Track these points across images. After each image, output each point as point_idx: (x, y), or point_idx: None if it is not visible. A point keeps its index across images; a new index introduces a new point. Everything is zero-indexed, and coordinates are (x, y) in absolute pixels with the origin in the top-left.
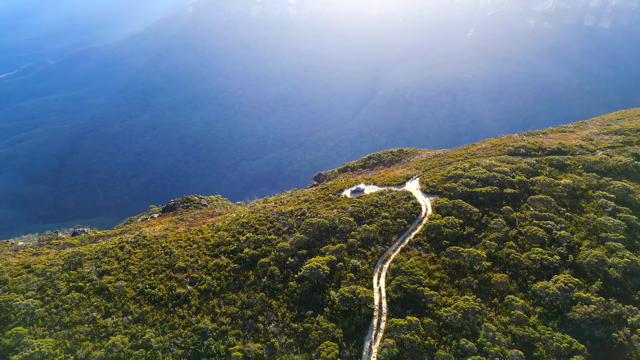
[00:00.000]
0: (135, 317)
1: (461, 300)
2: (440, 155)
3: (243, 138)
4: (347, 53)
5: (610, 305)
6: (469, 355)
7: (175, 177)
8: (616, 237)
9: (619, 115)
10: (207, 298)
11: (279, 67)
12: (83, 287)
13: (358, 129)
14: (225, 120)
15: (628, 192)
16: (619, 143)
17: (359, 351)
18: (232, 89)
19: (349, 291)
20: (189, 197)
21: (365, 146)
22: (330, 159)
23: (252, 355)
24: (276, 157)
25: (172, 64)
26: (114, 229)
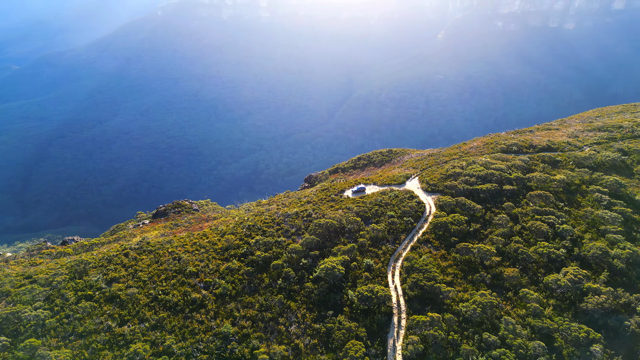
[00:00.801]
0: (152, 324)
1: (478, 295)
2: (435, 155)
3: (218, 142)
4: (320, 56)
5: (619, 294)
6: (492, 349)
7: (149, 182)
8: (615, 230)
9: (597, 113)
10: (223, 302)
11: (252, 70)
12: (93, 295)
13: (334, 131)
14: (199, 124)
15: (620, 186)
16: (604, 139)
17: (383, 349)
18: (205, 92)
19: (367, 290)
20: (179, 202)
21: (342, 148)
22: (307, 161)
23: (278, 357)
24: (252, 161)
25: (143, 67)
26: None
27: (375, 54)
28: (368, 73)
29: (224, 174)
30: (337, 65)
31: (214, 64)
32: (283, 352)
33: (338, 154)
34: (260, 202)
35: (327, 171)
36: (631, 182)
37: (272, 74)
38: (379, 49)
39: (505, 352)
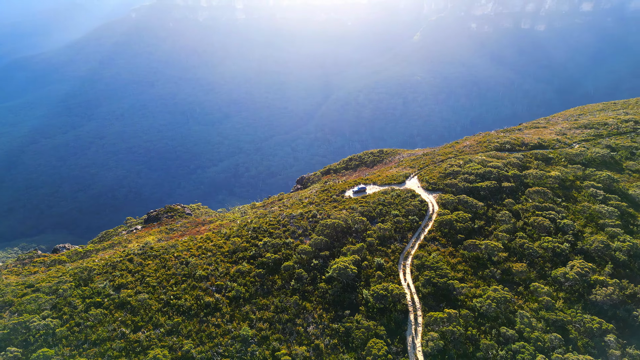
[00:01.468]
0: (167, 330)
1: (491, 290)
2: (430, 154)
3: (196, 145)
4: (298, 58)
5: (624, 286)
6: (511, 342)
7: (126, 188)
8: (614, 224)
9: (579, 111)
10: (238, 305)
11: (229, 72)
12: (102, 302)
13: (314, 132)
14: (176, 127)
15: (612, 181)
16: (591, 136)
17: (403, 346)
18: (182, 95)
19: (382, 289)
20: (171, 206)
21: (322, 149)
22: (288, 163)
23: (300, 358)
24: (232, 164)
25: (117, 71)
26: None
27: (352, 56)
28: (345, 74)
29: (203, 178)
30: (314, 67)
31: (190, 67)
32: (305, 352)
33: (318, 156)
34: (255, 204)
35: (319, 172)
36: (622, 177)
37: (249, 76)
38: (356, 51)
39: (524, 345)
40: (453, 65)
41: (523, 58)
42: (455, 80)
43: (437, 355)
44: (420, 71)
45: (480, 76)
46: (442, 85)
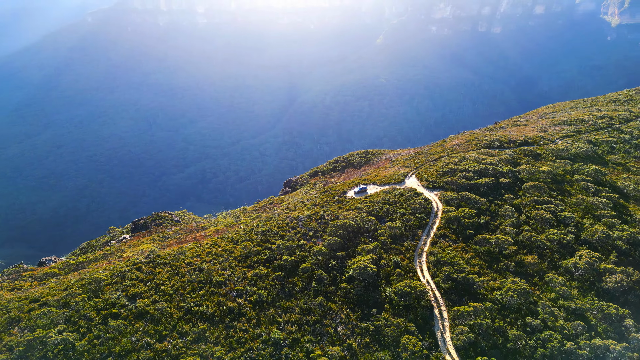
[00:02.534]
0: (193, 337)
1: (509, 283)
2: (422, 153)
3: (161, 152)
4: (262, 61)
5: (630, 273)
6: (537, 332)
7: (88, 198)
8: (610, 214)
9: (551, 109)
10: (262, 309)
11: (193, 77)
12: (119, 313)
13: (281, 136)
14: (139, 134)
15: (600, 174)
16: (572, 132)
17: (434, 341)
18: (144, 101)
19: (405, 286)
20: (159, 214)
21: (291, 153)
22: (257, 167)
23: (336, 358)
24: (199, 170)
25: (74, 77)
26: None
27: (316, 58)
28: (311, 77)
29: (169, 185)
30: (279, 70)
31: (152, 72)
32: (339, 353)
33: (287, 159)
34: (246, 208)
35: (307, 175)
36: (607, 170)
37: (214, 80)
38: (320, 54)
39: (551, 333)
40: (416, 68)
41: (481, 59)
42: (418, 82)
43: (468, 348)
44: (384, 73)
45: (442, 77)
46: (406, 87)
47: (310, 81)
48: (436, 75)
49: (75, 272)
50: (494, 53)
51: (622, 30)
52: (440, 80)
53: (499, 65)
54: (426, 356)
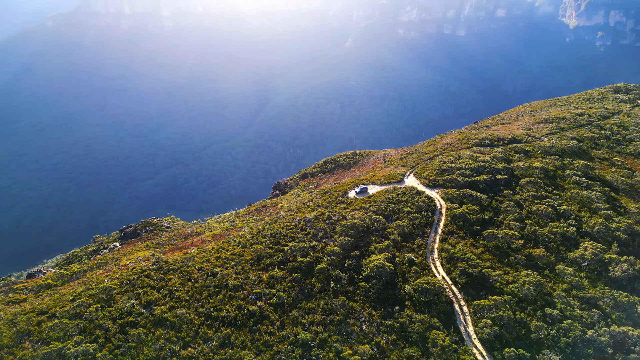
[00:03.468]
0: (218, 342)
1: (523, 276)
2: (415, 152)
3: (130, 158)
4: (231, 64)
5: (633, 262)
6: (558, 322)
7: (54, 208)
8: (605, 207)
9: (528, 108)
10: (283, 311)
11: (160, 81)
12: (136, 321)
13: (253, 139)
14: (106, 141)
15: (589, 169)
16: (555, 130)
17: (459, 335)
18: (110, 107)
19: (424, 282)
20: (148, 220)
21: (264, 156)
22: (229, 172)
23: (367, 356)
24: (170, 176)
25: (35, 83)
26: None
27: (287, 62)
28: (282, 80)
29: (139, 192)
30: (249, 73)
31: (117, 77)
32: (370, 351)
33: (260, 163)
34: (239, 212)
35: (296, 177)
36: (594, 165)
37: (182, 84)
38: (290, 57)
39: (571, 323)
40: (385, 70)
41: (448, 61)
42: (387, 84)
43: (494, 340)
44: (354, 76)
45: (410, 79)
46: (376, 89)
47: (281, 84)
48: (405, 77)
49: (72, 283)
50: (459, 55)
51: (580, 32)
52: (409, 82)
53: (464, 67)
54: (454, 350)
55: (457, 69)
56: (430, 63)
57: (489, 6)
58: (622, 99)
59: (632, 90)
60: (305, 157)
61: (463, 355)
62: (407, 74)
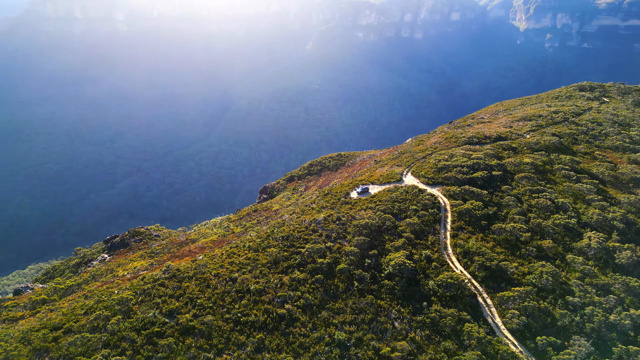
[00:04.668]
0: (253, 348)
1: (539, 266)
2: (407, 152)
3: (87, 168)
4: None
5: (634, 249)
6: (579, 309)
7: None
8: (598, 199)
9: (500, 107)
10: (312, 312)
11: (117, 87)
12: (162, 331)
13: (217, 145)
14: (61, 150)
15: (575, 163)
16: (535, 127)
17: (489, 326)
18: (64, 115)
19: (448, 277)
20: (135, 229)
21: (228, 162)
22: (193, 178)
23: (406, 352)
24: (131, 185)
25: None
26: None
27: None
28: (244, 84)
29: (99, 203)
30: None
31: (70, 83)
32: (407, 347)
33: (225, 168)
34: (230, 217)
35: (282, 180)
36: (579, 159)
37: (139, 90)
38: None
39: (593, 309)
40: (347, 73)
41: (407, 63)
42: (349, 87)
43: (523, 330)
44: (317, 79)
45: (372, 82)
46: (339, 92)
47: (243, 88)
48: (366, 80)
49: (70, 297)
50: (418, 57)
51: (529, 34)
52: (371, 85)
53: (423, 69)
54: (489, 341)
55: (416, 71)
56: (390, 65)
57: (444, 10)
58: (588, 96)
59: (595, 88)
60: (271, 161)
61: (498, 346)
62: (368, 76)
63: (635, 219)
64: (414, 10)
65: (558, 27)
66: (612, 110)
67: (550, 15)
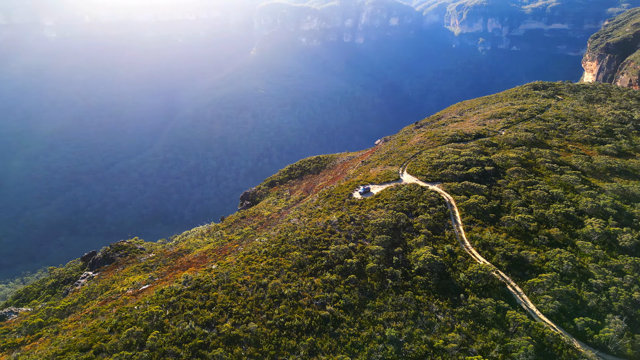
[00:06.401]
0: (307, 351)
1: (556, 253)
2: (395, 151)
3: (19, 184)
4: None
5: (632, 232)
6: (602, 290)
7: None
8: (585, 188)
9: (462, 107)
10: (355, 312)
11: (48, 97)
12: (205, 343)
13: (162, 154)
14: None
15: (555, 156)
16: (507, 124)
17: (526, 312)
18: None
19: (478, 269)
20: (118, 244)
21: (175, 171)
22: (138, 190)
23: (458, 343)
24: (70, 199)
25: None
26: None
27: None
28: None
29: (34, 220)
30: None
31: None
32: (459, 338)
33: (172, 178)
34: (218, 226)
35: (264, 185)
36: (557, 152)
37: (74, 100)
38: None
39: (617, 289)
40: (292, 78)
41: (350, 68)
42: (296, 91)
43: (558, 314)
44: (263, 84)
45: (318, 86)
46: (286, 97)
47: (187, 95)
48: (312, 85)
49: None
50: (361, 62)
51: (464, 38)
52: (317, 90)
53: (366, 73)
54: (532, 326)
55: (360, 75)
56: (334, 70)
57: (383, 15)
58: (543, 94)
59: (547, 87)
60: (221, 169)
61: (541, 330)
62: (313, 81)
63: (623, 205)
64: (355, 15)
65: (489, 31)
66: (570, 107)
67: (482, 20)
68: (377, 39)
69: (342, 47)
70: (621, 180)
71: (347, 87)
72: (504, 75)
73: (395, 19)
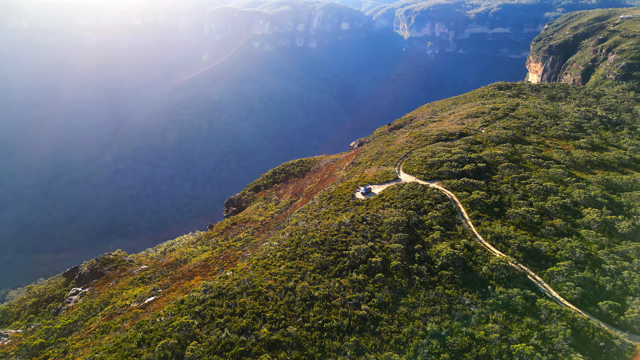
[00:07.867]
0: (353, 350)
1: (566, 242)
2: (385, 152)
3: None
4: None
5: (626, 219)
6: (616, 274)
7: None
8: (573, 180)
9: (432, 107)
10: (390, 310)
11: None
12: (246, 350)
13: (113, 164)
14: None
15: (538, 151)
16: (484, 122)
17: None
18: None
19: (498, 261)
20: (104, 257)
21: (128, 181)
22: (90, 202)
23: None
24: (15, 215)
25: None
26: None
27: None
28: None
29: None
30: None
31: None
32: (498, 328)
33: (126, 188)
34: (210, 234)
35: (248, 191)
36: (539, 148)
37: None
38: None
39: (630, 272)
40: (247, 82)
41: (304, 72)
42: (252, 96)
43: (582, 299)
44: (217, 89)
45: (273, 91)
46: (242, 102)
47: (138, 102)
48: (267, 89)
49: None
50: (314, 66)
51: (413, 42)
52: (273, 94)
53: (320, 77)
54: (563, 313)
55: (314, 79)
56: (289, 74)
57: (334, 20)
58: (509, 94)
59: (510, 87)
60: (177, 177)
61: (571, 315)
62: (269, 85)
63: (610, 195)
64: (306, 20)
65: (437, 35)
66: (538, 105)
67: (429, 24)
68: (330, 43)
69: (295, 51)
70: (602, 172)
71: (303, 91)
72: (452, 77)
73: (347, 24)
